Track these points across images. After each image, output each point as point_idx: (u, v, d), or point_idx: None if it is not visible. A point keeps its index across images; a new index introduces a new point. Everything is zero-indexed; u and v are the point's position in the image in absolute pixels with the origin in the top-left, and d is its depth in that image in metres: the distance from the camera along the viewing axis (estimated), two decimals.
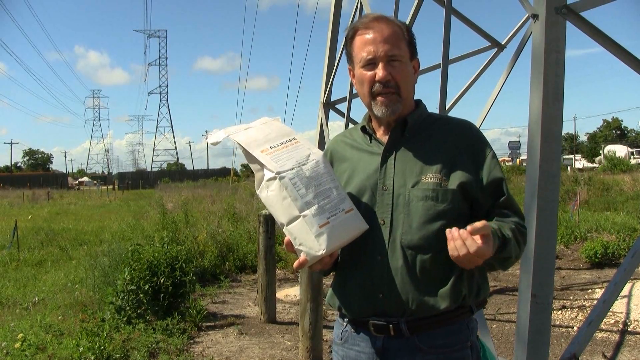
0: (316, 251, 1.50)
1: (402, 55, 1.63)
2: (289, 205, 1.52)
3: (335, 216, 1.53)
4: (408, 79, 1.66)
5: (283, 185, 1.52)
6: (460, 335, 1.62)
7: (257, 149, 1.59)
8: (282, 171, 1.53)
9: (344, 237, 1.55)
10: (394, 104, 1.63)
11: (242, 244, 9.33)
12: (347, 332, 1.72)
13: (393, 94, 1.63)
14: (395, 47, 1.62)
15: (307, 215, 1.51)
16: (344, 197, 1.58)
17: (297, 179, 1.53)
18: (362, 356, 1.67)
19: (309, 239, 1.50)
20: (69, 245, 11.56)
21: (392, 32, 1.63)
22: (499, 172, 1.63)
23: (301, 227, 1.51)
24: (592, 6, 2.97)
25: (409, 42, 1.67)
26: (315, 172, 1.56)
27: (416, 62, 1.71)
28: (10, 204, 28.80)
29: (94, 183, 78.00)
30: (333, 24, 7.35)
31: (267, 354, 4.96)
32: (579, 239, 10.23)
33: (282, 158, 1.57)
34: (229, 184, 27.94)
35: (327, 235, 1.50)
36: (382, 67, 1.62)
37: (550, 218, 2.89)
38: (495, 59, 5.99)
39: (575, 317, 5.92)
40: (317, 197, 1.53)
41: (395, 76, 1.62)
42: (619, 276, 3.06)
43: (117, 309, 5.42)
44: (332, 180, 1.58)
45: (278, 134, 1.66)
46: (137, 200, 30.52)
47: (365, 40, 1.64)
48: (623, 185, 20.00)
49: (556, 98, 2.88)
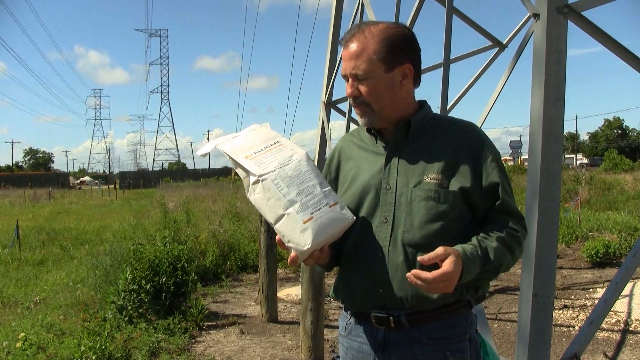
0: (302, 246, 1.56)
1: (368, 71, 1.65)
2: (273, 205, 1.59)
3: (319, 211, 1.58)
4: (378, 93, 1.67)
5: (266, 186, 1.59)
6: (458, 328, 1.67)
7: (242, 155, 1.66)
8: (264, 173, 1.61)
9: (330, 230, 1.60)
10: (367, 116, 1.71)
11: (244, 243, 9.34)
12: (351, 324, 1.78)
13: (364, 107, 1.69)
14: (360, 64, 1.65)
15: (291, 212, 1.57)
16: (328, 192, 1.63)
17: (279, 180, 1.60)
18: (365, 347, 1.72)
19: (295, 235, 1.56)
20: (71, 245, 11.58)
21: (358, 50, 1.65)
22: (496, 175, 1.64)
23: (287, 225, 1.57)
24: (593, 5, 2.97)
25: (387, 54, 1.64)
26: (298, 170, 1.62)
27: (405, 68, 1.67)
28: (12, 203, 28.87)
29: (95, 182, 78.04)
30: (334, 23, 7.35)
31: (268, 354, 4.96)
32: (580, 239, 10.23)
33: (265, 162, 1.64)
34: (231, 184, 27.99)
35: (312, 230, 1.55)
36: (349, 85, 1.70)
37: (551, 217, 2.89)
38: (496, 58, 5.97)
39: (577, 316, 5.92)
40: (300, 194, 1.59)
41: (364, 93, 1.68)
42: (620, 275, 3.06)
43: (119, 308, 5.42)
44: (315, 177, 1.63)
45: (263, 139, 1.72)
46: (138, 199, 30.54)
47: (343, 55, 1.72)
48: (624, 184, 20.00)
49: (557, 97, 2.88)
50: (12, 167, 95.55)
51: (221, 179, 46.93)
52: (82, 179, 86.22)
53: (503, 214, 1.64)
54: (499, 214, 1.64)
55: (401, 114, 1.72)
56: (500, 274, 1.67)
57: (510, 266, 1.67)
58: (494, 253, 1.57)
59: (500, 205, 1.64)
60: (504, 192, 1.65)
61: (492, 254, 1.57)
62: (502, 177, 1.66)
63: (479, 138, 1.70)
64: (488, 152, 1.67)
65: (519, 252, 1.65)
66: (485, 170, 1.65)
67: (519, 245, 1.65)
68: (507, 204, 1.65)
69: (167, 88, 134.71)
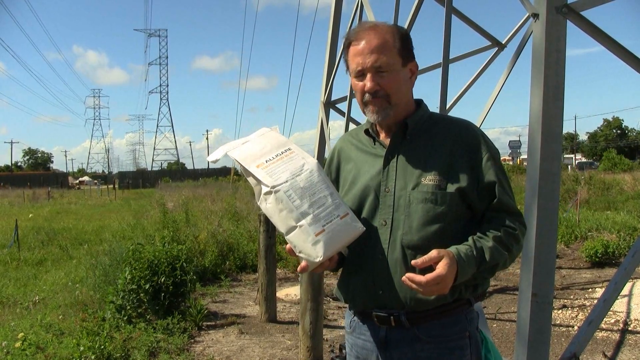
0: (314, 258, 1.58)
1: (390, 64, 1.67)
2: (285, 217, 1.60)
3: (331, 223, 1.60)
4: (399, 86, 1.70)
5: (278, 198, 1.61)
6: (457, 326, 1.69)
7: (253, 164, 1.67)
8: (276, 185, 1.61)
9: (341, 242, 1.62)
10: (384, 110, 1.69)
11: (243, 243, 9.34)
12: (355, 321, 1.82)
13: (382, 100, 1.68)
14: (383, 57, 1.66)
15: (304, 225, 1.59)
16: (339, 203, 1.64)
17: (291, 191, 1.61)
18: (368, 345, 1.76)
19: (307, 247, 1.58)
20: (70, 245, 11.56)
21: (380, 43, 1.67)
22: (492, 174, 1.65)
23: (299, 237, 1.59)
24: (592, 5, 2.96)
25: (402, 49, 1.69)
26: (310, 181, 1.63)
27: (413, 65, 1.75)
28: (11, 203, 28.83)
29: (94, 182, 77.83)
30: (333, 23, 7.35)
31: (267, 354, 4.96)
32: (580, 239, 10.24)
33: (276, 171, 1.64)
34: (230, 184, 28.00)
35: (324, 243, 1.58)
36: (370, 79, 1.67)
37: (550, 217, 2.89)
38: (495, 58, 5.98)
39: (576, 316, 5.92)
40: (312, 206, 1.60)
41: (384, 86, 1.67)
42: (619, 275, 3.06)
43: (118, 308, 5.42)
44: (326, 188, 1.64)
45: (273, 146, 1.72)
46: (137, 199, 30.53)
47: (355, 51, 1.70)
48: (623, 184, 20.01)
49: (557, 97, 2.88)
50: (11, 167, 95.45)
51: (220, 179, 46.89)
52: (81, 179, 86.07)
53: (500, 212, 1.65)
54: (496, 212, 1.65)
55: (403, 114, 1.74)
56: (498, 271, 1.68)
57: (509, 264, 1.67)
58: (489, 253, 1.58)
59: (497, 203, 1.64)
60: (501, 190, 1.65)
61: (487, 253, 1.57)
62: (499, 176, 1.66)
63: (475, 137, 1.70)
64: (484, 151, 1.67)
65: (516, 250, 1.66)
66: (482, 169, 1.65)
67: (517, 243, 1.65)
68: (504, 202, 1.65)
69: (166, 88, 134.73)
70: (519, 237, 1.65)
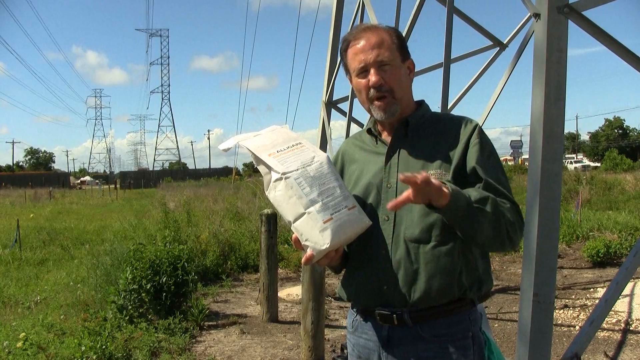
0: (321, 245, 1.59)
1: (392, 59, 1.72)
2: (294, 204, 1.61)
3: (339, 212, 1.61)
4: (401, 80, 1.74)
5: (289, 184, 1.62)
6: (461, 326, 1.69)
7: (265, 153, 1.69)
8: (287, 172, 1.63)
9: (347, 232, 1.63)
10: (391, 107, 1.73)
11: (244, 243, 9.34)
12: (357, 320, 1.82)
13: (388, 97, 1.71)
14: (384, 52, 1.71)
15: (312, 211, 1.60)
16: (347, 195, 1.66)
17: (301, 179, 1.62)
18: (370, 344, 1.77)
19: (314, 234, 1.59)
20: (71, 245, 11.58)
21: (379, 39, 1.73)
22: (473, 159, 1.65)
23: (306, 223, 1.60)
24: (594, 5, 2.96)
25: (399, 46, 1.76)
26: (319, 172, 1.65)
27: (410, 63, 1.80)
28: (12, 203, 28.88)
29: (95, 182, 77.98)
30: (335, 22, 7.34)
31: (269, 353, 4.96)
32: (581, 238, 10.24)
33: (288, 160, 1.66)
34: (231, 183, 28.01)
35: (331, 230, 1.59)
36: (374, 73, 1.71)
37: (552, 217, 2.88)
38: (497, 58, 5.97)
39: (577, 316, 5.92)
40: (321, 195, 1.62)
41: (388, 80, 1.71)
42: (621, 275, 3.06)
43: (119, 308, 5.43)
44: (335, 180, 1.66)
45: (285, 139, 1.75)
46: (139, 199, 30.57)
47: (356, 50, 1.74)
48: (625, 184, 19.98)
49: (558, 97, 2.87)
50: (13, 167, 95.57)
51: (222, 178, 46.97)
52: (82, 179, 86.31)
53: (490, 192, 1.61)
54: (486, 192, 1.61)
55: (405, 111, 1.77)
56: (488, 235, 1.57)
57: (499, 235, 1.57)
58: (474, 195, 1.54)
59: (484, 186, 1.62)
60: (485, 172, 1.63)
61: (472, 197, 1.54)
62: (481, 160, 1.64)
63: (469, 127, 1.73)
64: (475, 138, 1.69)
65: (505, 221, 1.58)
66: (469, 155, 1.67)
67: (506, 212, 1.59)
68: (490, 184, 1.62)
69: (167, 88, 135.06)
70: (511, 209, 1.60)
